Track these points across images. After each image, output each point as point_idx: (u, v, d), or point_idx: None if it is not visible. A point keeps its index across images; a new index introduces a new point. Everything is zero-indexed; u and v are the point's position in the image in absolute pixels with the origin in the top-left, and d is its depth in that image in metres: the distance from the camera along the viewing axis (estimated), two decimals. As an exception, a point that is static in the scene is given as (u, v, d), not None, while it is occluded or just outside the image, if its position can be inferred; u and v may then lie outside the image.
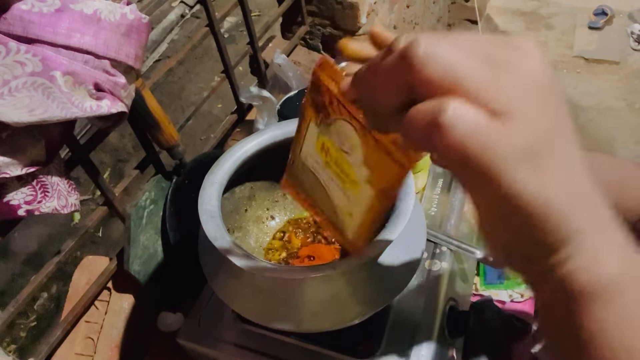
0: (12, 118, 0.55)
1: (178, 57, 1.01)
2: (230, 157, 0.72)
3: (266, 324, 0.64)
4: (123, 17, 0.62)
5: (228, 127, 1.19)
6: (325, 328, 0.62)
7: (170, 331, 0.89)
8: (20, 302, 0.75)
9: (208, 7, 1.03)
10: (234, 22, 3.15)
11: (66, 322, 0.84)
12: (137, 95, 0.74)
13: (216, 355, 0.76)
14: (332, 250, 0.83)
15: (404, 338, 0.72)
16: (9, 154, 0.58)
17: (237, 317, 0.77)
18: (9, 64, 0.54)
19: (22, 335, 1.87)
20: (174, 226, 0.92)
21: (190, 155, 0.97)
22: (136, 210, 0.87)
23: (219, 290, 0.67)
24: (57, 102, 0.57)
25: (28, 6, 0.55)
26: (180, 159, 0.92)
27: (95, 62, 0.61)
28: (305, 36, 1.49)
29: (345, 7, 1.39)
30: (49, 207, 0.65)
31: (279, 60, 1.20)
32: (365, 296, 0.62)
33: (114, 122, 0.68)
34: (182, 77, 2.82)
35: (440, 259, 0.82)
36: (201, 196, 0.66)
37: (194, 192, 0.68)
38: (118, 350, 0.89)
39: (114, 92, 0.63)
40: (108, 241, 2.08)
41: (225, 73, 1.15)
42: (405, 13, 1.84)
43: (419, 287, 0.78)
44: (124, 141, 2.44)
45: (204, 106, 1.17)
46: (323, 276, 0.59)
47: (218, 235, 0.61)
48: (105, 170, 2.34)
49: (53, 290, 1.95)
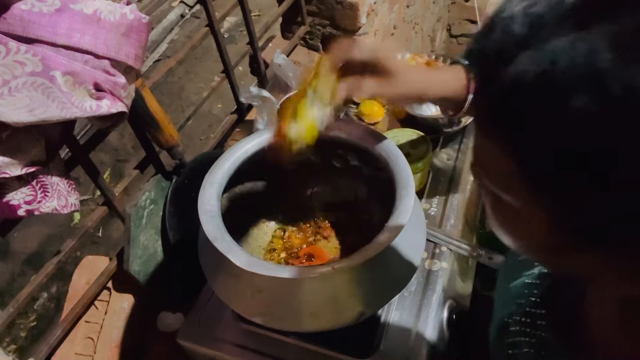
0: (12, 118, 0.55)
1: (178, 57, 1.01)
2: (230, 157, 0.72)
3: (266, 324, 0.64)
4: (123, 17, 0.62)
5: (228, 127, 1.19)
6: (324, 328, 0.62)
7: (170, 331, 0.89)
8: (20, 302, 0.75)
9: (208, 7, 1.03)
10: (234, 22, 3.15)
11: (66, 322, 0.84)
12: (137, 95, 0.74)
13: (216, 355, 0.76)
14: (332, 250, 0.83)
15: (403, 338, 0.72)
16: (9, 154, 0.58)
17: (237, 317, 0.77)
18: (9, 64, 0.54)
19: (22, 335, 1.87)
20: (174, 226, 0.92)
21: (190, 155, 0.97)
22: (136, 210, 0.87)
23: (218, 290, 0.67)
24: (57, 102, 0.57)
25: (28, 6, 0.55)
26: (180, 159, 0.92)
27: (95, 62, 0.61)
28: (305, 36, 1.49)
29: (345, 7, 1.39)
30: (49, 207, 0.65)
31: (279, 60, 1.20)
32: (364, 296, 0.62)
33: (114, 122, 0.68)
34: (182, 77, 2.82)
35: (440, 259, 0.82)
36: (201, 196, 0.66)
37: (194, 192, 0.68)
38: (118, 350, 0.89)
39: (114, 92, 0.63)
40: (108, 241, 2.08)
41: (225, 73, 1.15)
42: (405, 13, 1.84)
43: (418, 287, 0.78)
44: (124, 141, 2.44)
45: (204, 106, 1.17)
46: (322, 276, 0.59)
47: (218, 235, 0.61)
48: (105, 170, 2.34)
49: (53, 290, 1.95)
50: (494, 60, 0.30)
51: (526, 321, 0.52)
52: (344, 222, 0.86)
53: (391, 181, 0.66)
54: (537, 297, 0.53)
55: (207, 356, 0.77)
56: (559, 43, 0.27)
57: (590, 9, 0.27)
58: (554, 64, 0.27)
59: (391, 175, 0.66)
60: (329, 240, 0.85)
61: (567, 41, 0.27)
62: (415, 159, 0.87)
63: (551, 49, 0.27)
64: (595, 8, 0.27)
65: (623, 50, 0.25)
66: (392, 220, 0.61)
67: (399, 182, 0.65)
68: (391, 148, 0.69)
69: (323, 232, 0.86)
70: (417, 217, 0.71)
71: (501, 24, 0.30)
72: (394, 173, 0.66)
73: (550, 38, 0.28)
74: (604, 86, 0.25)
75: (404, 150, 0.73)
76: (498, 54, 0.30)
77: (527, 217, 0.33)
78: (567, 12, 0.28)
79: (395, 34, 1.77)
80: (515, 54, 0.29)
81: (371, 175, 0.79)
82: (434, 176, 0.96)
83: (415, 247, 0.67)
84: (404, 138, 0.91)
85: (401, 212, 0.61)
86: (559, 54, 0.27)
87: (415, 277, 0.69)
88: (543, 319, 0.50)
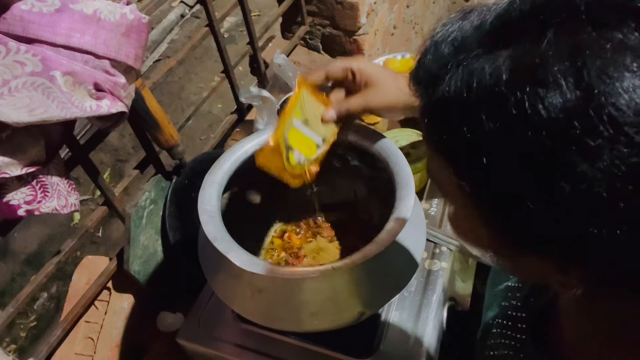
0: (12, 118, 0.55)
1: (178, 57, 1.01)
2: (230, 157, 0.72)
3: (266, 324, 0.64)
4: (123, 17, 0.62)
5: (228, 127, 1.19)
6: (324, 328, 0.62)
7: (170, 331, 0.89)
8: (20, 302, 0.75)
9: (208, 7, 1.03)
10: (234, 22, 3.15)
11: (66, 322, 0.84)
12: (137, 95, 0.74)
13: (216, 355, 0.76)
14: (333, 250, 0.83)
15: (403, 338, 0.72)
16: (9, 154, 0.58)
17: (237, 317, 0.77)
18: (9, 64, 0.54)
19: (22, 335, 1.87)
20: (173, 226, 0.92)
21: (190, 155, 0.97)
22: (136, 210, 0.87)
23: (218, 290, 0.67)
24: (57, 102, 0.57)
25: (28, 6, 0.55)
26: (180, 159, 0.92)
27: (95, 62, 0.61)
28: (305, 36, 1.49)
29: (345, 7, 1.39)
30: (49, 207, 0.65)
31: (279, 60, 1.20)
32: (364, 296, 0.62)
33: (114, 122, 0.68)
34: (182, 77, 2.81)
35: (440, 259, 0.82)
36: (201, 196, 0.66)
37: (194, 192, 0.68)
38: (118, 350, 0.89)
39: (114, 92, 0.63)
40: (108, 241, 2.08)
41: (225, 73, 1.15)
42: (405, 13, 1.84)
43: (418, 287, 0.78)
44: (124, 141, 2.43)
45: (204, 106, 1.17)
46: (322, 276, 0.59)
47: (218, 235, 0.61)
48: (105, 170, 2.34)
49: (53, 290, 1.95)
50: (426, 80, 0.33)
51: (507, 324, 0.53)
52: (344, 222, 0.86)
53: (391, 181, 0.66)
54: (518, 300, 0.54)
55: (207, 356, 0.77)
56: (473, 65, 0.30)
57: (497, 36, 0.30)
58: (468, 84, 0.30)
59: (391, 175, 0.66)
60: (329, 240, 0.85)
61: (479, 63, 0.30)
62: (415, 159, 0.87)
63: (467, 71, 0.30)
64: (502, 35, 0.30)
65: (519, 74, 0.28)
66: (392, 220, 0.61)
67: (399, 182, 0.65)
68: (391, 148, 0.69)
69: (323, 232, 0.86)
70: (417, 217, 0.71)
71: (432, 49, 0.33)
72: (394, 173, 0.66)
73: (468, 61, 0.31)
74: (504, 105, 0.28)
75: (404, 150, 0.73)
76: (429, 75, 0.33)
77: (472, 222, 0.36)
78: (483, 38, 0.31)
79: (395, 34, 1.77)
80: (441, 75, 0.32)
81: (371, 175, 0.79)
82: (434, 176, 0.96)
83: (415, 247, 0.67)
84: (404, 138, 0.91)
85: (401, 212, 0.61)
86: (472, 75, 0.30)
87: (415, 277, 0.69)
88: (523, 322, 0.51)
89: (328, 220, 0.87)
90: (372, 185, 0.82)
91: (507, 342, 0.52)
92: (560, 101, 0.26)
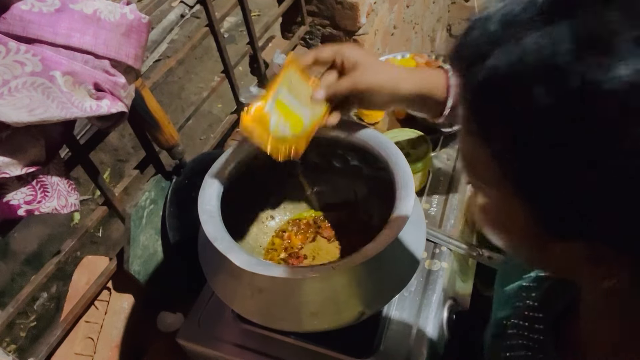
0: (12, 118, 0.55)
1: (178, 57, 1.01)
2: (230, 157, 0.72)
3: (266, 324, 0.64)
4: (123, 17, 0.62)
5: (228, 127, 1.19)
6: (324, 328, 0.62)
7: (170, 331, 0.89)
8: (20, 302, 0.75)
9: (208, 7, 1.03)
10: (234, 22, 3.15)
11: (66, 322, 0.84)
12: (137, 95, 0.74)
13: (216, 355, 0.76)
14: (333, 250, 0.83)
15: (403, 338, 0.72)
16: (9, 154, 0.58)
17: (237, 317, 0.77)
18: (9, 64, 0.54)
19: (22, 335, 1.87)
20: (173, 226, 0.92)
21: (190, 155, 0.96)
22: (136, 210, 0.87)
23: (218, 290, 0.67)
24: (57, 102, 0.57)
25: (28, 6, 0.55)
26: (180, 159, 0.92)
27: (95, 62, 0.61)
28: (305, 36, 1.49)
29: (345, 7, 1.39)
30: (49, 207, 0.65)
31: (279, 60, 1.20)
32: (364, 296, 0.62)
33: (114, 122, 0.68)
34: (182, 77, 2.81)
35: (440, 259, 0.82)
36: (201, 196, 0.66)
37: (194, 192, 0.68)
38: (118, 350, 0.89)
39: (114, 92, 0.63)
40: (108, 241, 2.08)
41: (225, 73, 1.15)
42: (405, 13, 1.84)
43: (418, 287, 0.78)
44: (124, 141, 2.43)
45: (203, 106, 1.17)
46: (322, 276, 0.59)
47: (218, 235, 0.61)
48: (105, 170, 2.34)
49: (53, 290, 1.95)
50: (472, 57, 0.32)
51: (524, 324, 0.52)
52: (344, 222, 0.86)
53: (391, 181, 0.66)
54: (534, 300, 0.53)
55: (207, 356, 0.77)
56: (527, 39, 0.29)
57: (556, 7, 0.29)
58: (522, 58, 0.29)
59: (391, 175, 0.66)
60: (329, 240, 0.85)
61: (534, 37, 0.28)
62: (415, 159, 0.87)
63: (520, 45, 0.29)
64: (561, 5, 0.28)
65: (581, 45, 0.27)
66: (392, 221, 0.61)
67: (399, 182, 0.65)
68: (391, 148, 0.69)
69: (323, 232, 0.86)
70: (417, 217, 0.71)
71: (479, 25, 0.32)
72: (394, 173, 0.66)
73: (521, 35, 0.29)
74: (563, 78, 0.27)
75: (404, 150, 0.73)
76: (475, 51, 0.32)
77: (508, 209, 0.35)
78: (537, 11, 0.29)
79: (395, 34, 1.77)
80: (489, 51, 0.30)
81: (371, 175, 0.79)
82: (434, 176, 0.96)
83: (415, 247, 0.67)
84: (404, 138, 0.91)
85: (401, 212, 0.61)
86: (526, 49, 0.28)
87: (415, 277, 0.69)
88: (541, 322, 0.51)
89: (328, 220, 0.88)
90: (372, 185, 0.82)
91: (525, 342, 0.51)
92: (627, 73, 0.25)
